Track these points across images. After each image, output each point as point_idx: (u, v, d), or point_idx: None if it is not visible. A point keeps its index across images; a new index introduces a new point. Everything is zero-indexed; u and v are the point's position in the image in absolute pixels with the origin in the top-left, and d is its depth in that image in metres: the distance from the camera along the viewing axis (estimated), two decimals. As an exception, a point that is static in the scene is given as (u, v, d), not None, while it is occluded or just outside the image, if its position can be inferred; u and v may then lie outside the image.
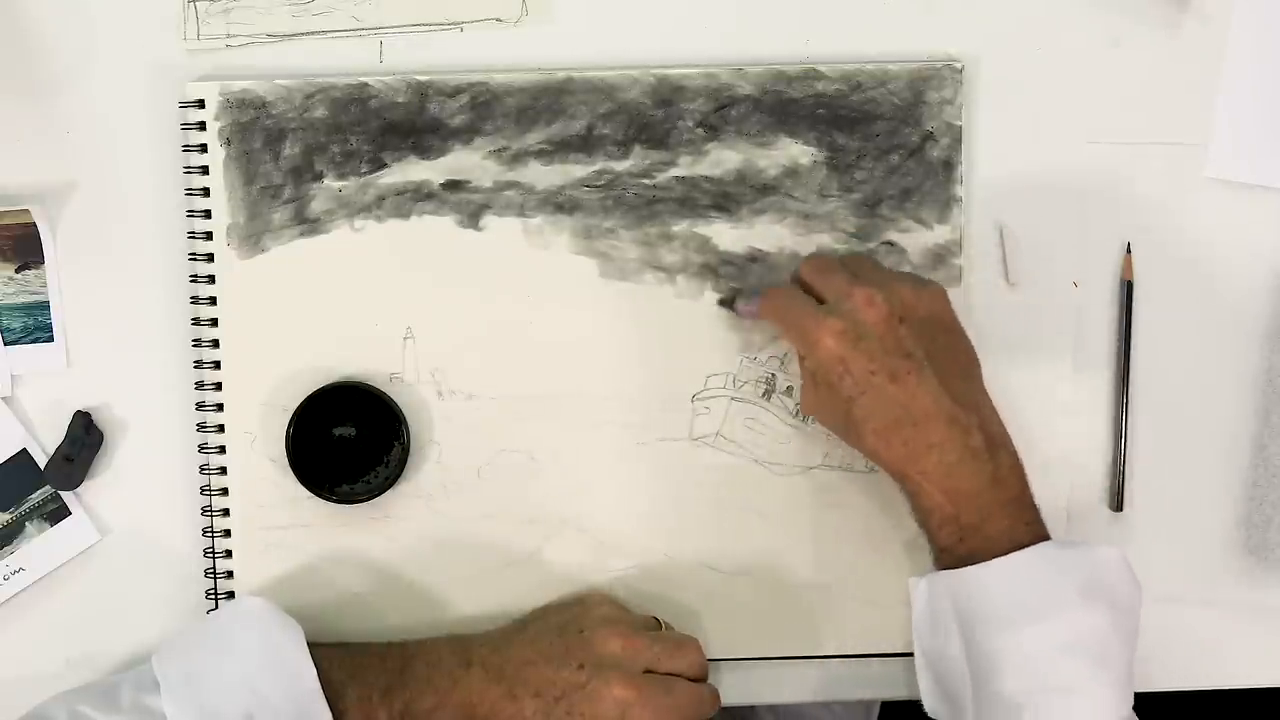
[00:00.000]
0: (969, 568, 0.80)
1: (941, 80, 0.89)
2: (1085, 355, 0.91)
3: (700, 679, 0.85)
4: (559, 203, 0.89)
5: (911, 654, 0.89)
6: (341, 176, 0.89)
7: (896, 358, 0.81)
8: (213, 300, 0.89)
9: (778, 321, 0.86)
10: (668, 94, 0.89)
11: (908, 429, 0.81)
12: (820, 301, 0.83)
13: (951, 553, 0.82)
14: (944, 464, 0.81)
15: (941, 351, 0.82)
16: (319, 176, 0.89)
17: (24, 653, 0.90)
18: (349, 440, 0.89)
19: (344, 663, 0.84)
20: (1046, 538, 0.82)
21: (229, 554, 0.89)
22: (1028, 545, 0.80)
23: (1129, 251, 0.91)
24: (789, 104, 0.89)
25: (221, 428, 0.89)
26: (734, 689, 0.90)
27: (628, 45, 0.90)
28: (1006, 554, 0.80)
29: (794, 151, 0.89)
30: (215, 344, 0.89)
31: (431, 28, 0.90)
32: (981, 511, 0.81)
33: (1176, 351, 0.91)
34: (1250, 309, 0.91)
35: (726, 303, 0.89)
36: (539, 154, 0.89)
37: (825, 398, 0.83)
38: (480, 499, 0.89)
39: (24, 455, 0.89)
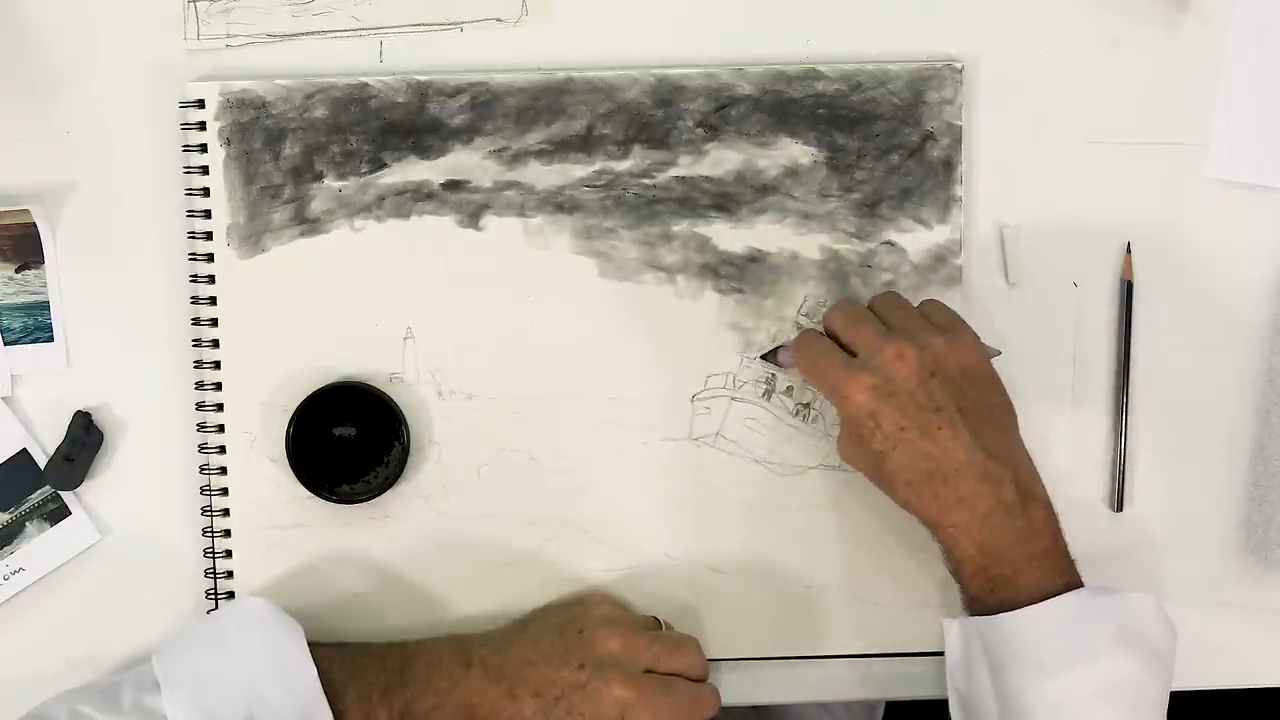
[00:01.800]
0: (1001, 614, 0.80)
1: (941, 80, 0.89)
2: (1085, 355, 0.91)
3: (700, 679, 0.85)
4: (559, 203, 0.89)
5: (910, 654, 0.90)
6: (341, 176, 0.89)
7: (928, 412, 0.80)
8: (213, 300, 0.89)
9: (809, 374, 0.85)
10: (668, 94, 0.89)
11: (939, 483, 0.80)
12: (851, 352, 0.83)
13: (982, 603, 0.81)
14: (976, 517, 0.80)
15: (974, 403, 0.81)
16: (319, 176, 0.89)
17: (24, 653, 0.90)
18: (349, 440, 0.89)
19: (344, 663, 0.84)
20: (1080, 586, 0.81)
21: (229, 554, 0.89)
22: (1060, 594, 0.79)
23: (1129, 251, 0.91)
24: (789, 104, 0.89)
25: (221, 428, 0.89)
26: (734, 689, 0.90)
27: (628, 45, 0.90)
28: (1037, 603, 0.79)
29: (794, 151, 0.89)
30: (215, 344, 0.89)
31: (431, 28, 0.90)
32: (1013, 564, 0.80)
33: (1176, 351, 0.91)
34: (1250, 309, 0.91)
35: (769, 356, 0.89)
36: (539, 154, 0.89)
37: (859, 450, 0.83)
38: (480, 499, 0.89)
39: (24, 455, 0.89)
